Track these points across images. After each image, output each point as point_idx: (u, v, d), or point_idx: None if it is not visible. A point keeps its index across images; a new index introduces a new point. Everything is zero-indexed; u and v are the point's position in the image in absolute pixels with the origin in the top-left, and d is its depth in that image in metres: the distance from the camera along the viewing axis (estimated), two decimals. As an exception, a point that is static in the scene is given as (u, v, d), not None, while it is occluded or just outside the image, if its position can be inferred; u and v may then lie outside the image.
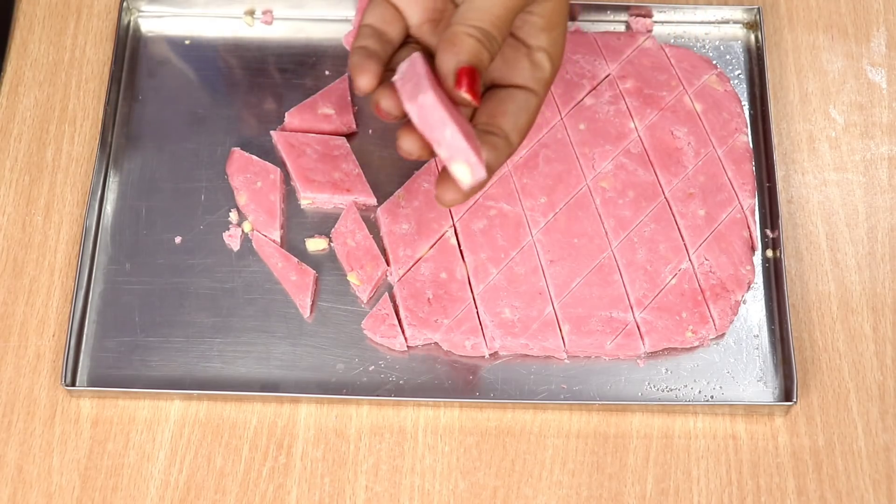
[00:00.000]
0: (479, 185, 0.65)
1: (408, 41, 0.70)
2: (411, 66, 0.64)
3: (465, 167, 0.63)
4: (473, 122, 0.67)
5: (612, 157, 0.82)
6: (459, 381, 0.77)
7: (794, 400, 0.75)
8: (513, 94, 0.68)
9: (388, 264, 0.80)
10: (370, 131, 0.85)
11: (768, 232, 0.81)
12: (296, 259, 0.80)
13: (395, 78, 0.65)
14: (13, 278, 0.80)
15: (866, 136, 0.85)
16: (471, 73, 0.63)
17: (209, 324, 0.78)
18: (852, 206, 0.83)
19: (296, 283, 0.79)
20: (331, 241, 0.81)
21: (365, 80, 0.66)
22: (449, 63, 0.64)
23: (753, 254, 0.80)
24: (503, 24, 0.65)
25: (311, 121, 0.84)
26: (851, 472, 0.75)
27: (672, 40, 0.88)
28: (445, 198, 0.66)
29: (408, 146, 0.65)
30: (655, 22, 0.89)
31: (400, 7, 0.70)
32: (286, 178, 0.83)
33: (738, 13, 0.88)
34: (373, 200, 0.82)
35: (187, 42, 0.88)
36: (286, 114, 0.85)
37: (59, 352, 0.78)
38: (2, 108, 0.86)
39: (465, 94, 0.63)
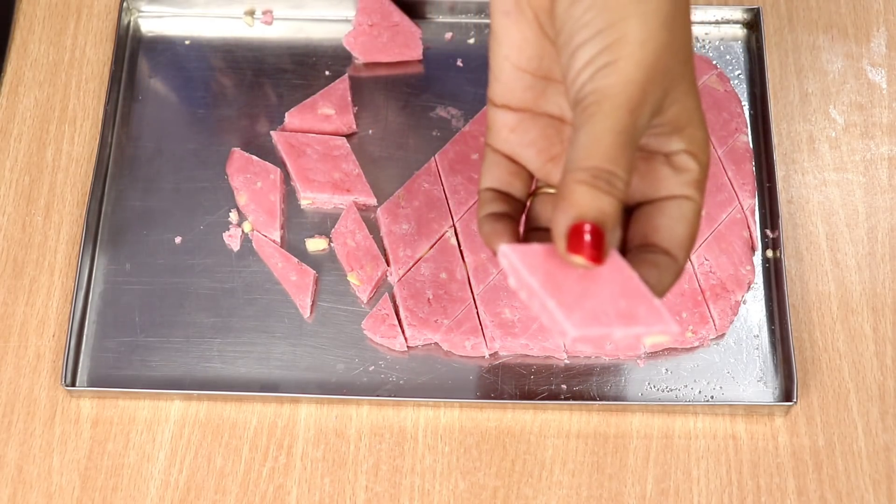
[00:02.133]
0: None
1: (538, 189, 0.62)
2: (514, 271, 0.54)
3: (655, 338, 0.53)
4: (626, 245, 0.58)
5: (612, 157, 0.82)
6: (459, 381, 0.77)
7: (794, 400, 0.75)
8: (661, 207, 0.58)
9: (388, 264, 0.80)
10: (370, 131, 0.85)
11: (768, 232, 0.81)
12: (296, 259, 0.80)
13: (511, 282, 0.55)
14: (13, 278, 0.80)
15: (866, 137, 0.85)
16: (581, 230, 0.52)
17: (209, 324, 0.78)
18: (852, 207, 0.83)
19: (296, 283, 0.79)
20: (331, 241, 0.81)
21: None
22: (559, 224, 0.53)
23: (753, 254, 0.80)
24: (620, 155, 0.53)
25: (312, 121, 0.84)
26: (851, 473, 0.75)
27: (672, 40, 0.88)
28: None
29: None
30: (655, 22, 0.88)
31: (514, 156, 0.61)
32: (286, 178, 0.83)
33: (738, 13, 0.88)
34: (373, 200, 0.82)
35: (187, 42, 0.88)
36: (286, 114, 0.85)
37: (59, 352, 0.78)
38: (2, 108, 0.86)
39: (577, 259, 0.53)
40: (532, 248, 0.54)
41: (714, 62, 0.87)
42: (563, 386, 0.77)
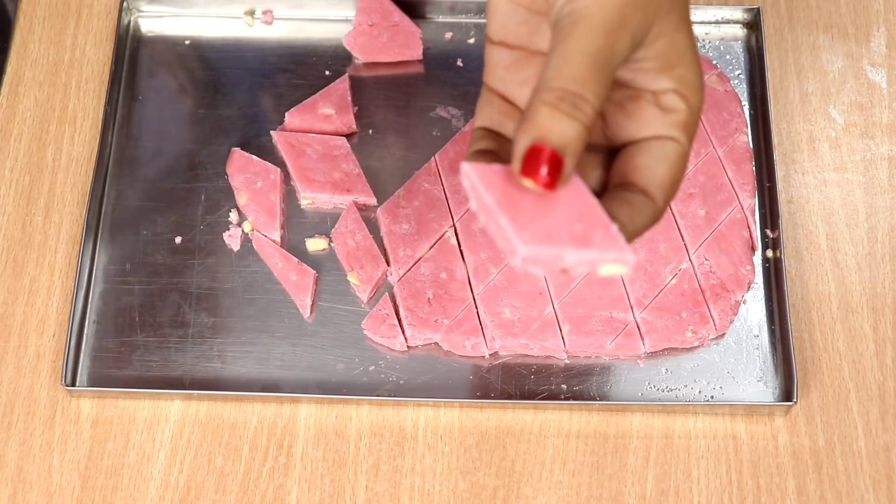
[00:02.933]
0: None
1: None
2: (474, 190, 0.52)
3: (612, 267, 0.51)
4: (607, 184, 0.57)
5: (612, 157, 0.82)
6: (459, 381, 0.77)
7: (794, 400, 0.75)
8: (644, 147, 0.56)
9: (388, 264, 0.80)
10: (370, 131, 0.85)
11: (768, 232, 0.81)
12: (296, 259, 0.80)
13: (472, 205, 0.53)
14: (13, 278, 0.80)
15: (866, 136, 0.85)
16: (539, 153, 0.51)
17: (209, 324, 0.78)
18: (852, 206, 0.83)
19: (296, 283, 0.79)
20: (331, 241, 0.81)
21: None
22: (518, 145, 0.51)
23: (753, 254, 0.80)
24: (591, 78, 0.51)
25: (312, 121, 0.84)
26: (851, 472, 0.75)
27: (672, 40, 0.88)
28: None
29: None
30: (655, 22, 0.88)
31: (508, 95, 0.60)
32: (286, 178, 0.83)
33: (739, 13, 0.88)
34: (373, 200, 0.82)
35: (187, 42, 0.88)
36: (286, 114, 0.85)
37: (59, 352, 0.78)
38: (2, 108, 0.86)
39: (528, 182, 0.51)
40: (493, 167, 0.53)
41: (714, 62, 0.87)
42: (563, 386, 0.77)
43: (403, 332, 0.77)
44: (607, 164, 0.57)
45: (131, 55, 0.88)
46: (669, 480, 0.74)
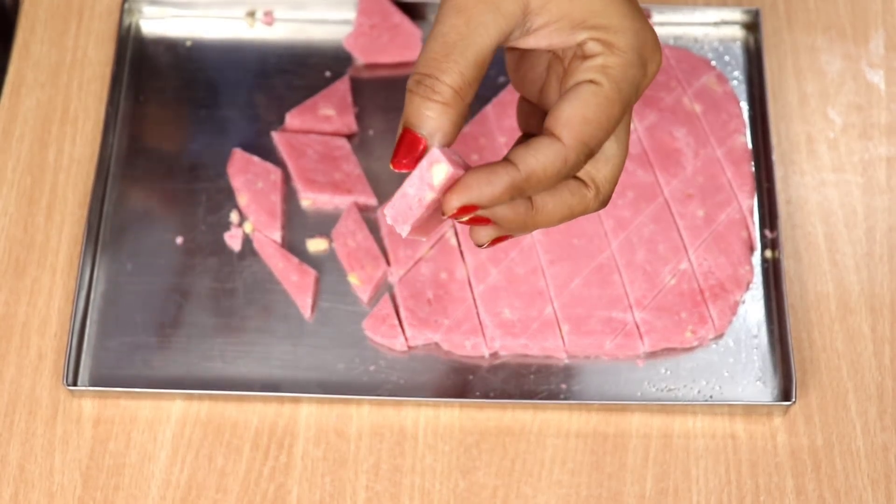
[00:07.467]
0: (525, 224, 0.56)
1: None
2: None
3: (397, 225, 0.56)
4: None
5: (611, 157, 0.82)
6: (459, 381, 0.77)
7: (793, 400, 0.75)
8: (563, 96, 0.55)
9: (388, 264, 0.80)
10: (371, 132, 0.85)
11: (767, 232, 0.81)
12: (297, 259, 0.80)
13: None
14: (15, 279, 0.80)
15: (864, 137, 0.85)
16: (400, 139, 0.55)
17: (210, 324, 0.79)
18: (851, 207, 0.83)
19: (297, 283, 0.79)
20: (331, 241, 0.81)
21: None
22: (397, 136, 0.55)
23: (752, 254, 0.81)
24: (444, 58, 0.53)
25: (312, 122, 0.85)
26: (850, 472, 0.75)
27: (671, 41, 0.88)
28: (477, 238, 0.57)
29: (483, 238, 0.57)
30: (654, 23, 0.89)
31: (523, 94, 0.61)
32: (287, 178, 0.84)
33: (738, 14, 0.89)
34: (373, 201, 0.82)
35: (188, 43, 0.89)
36: (287, 115, 0.85)
37: (60, 352, 0.78)
38: (4, 109, 0.86)
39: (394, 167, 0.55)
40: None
41: (713, 63, 0.87)
42: (563, 385, 0.77)
43: (404, 332, 0.78)
44: None
45: (133, 56, 0.88)
46: (668, 480, 0.75)
